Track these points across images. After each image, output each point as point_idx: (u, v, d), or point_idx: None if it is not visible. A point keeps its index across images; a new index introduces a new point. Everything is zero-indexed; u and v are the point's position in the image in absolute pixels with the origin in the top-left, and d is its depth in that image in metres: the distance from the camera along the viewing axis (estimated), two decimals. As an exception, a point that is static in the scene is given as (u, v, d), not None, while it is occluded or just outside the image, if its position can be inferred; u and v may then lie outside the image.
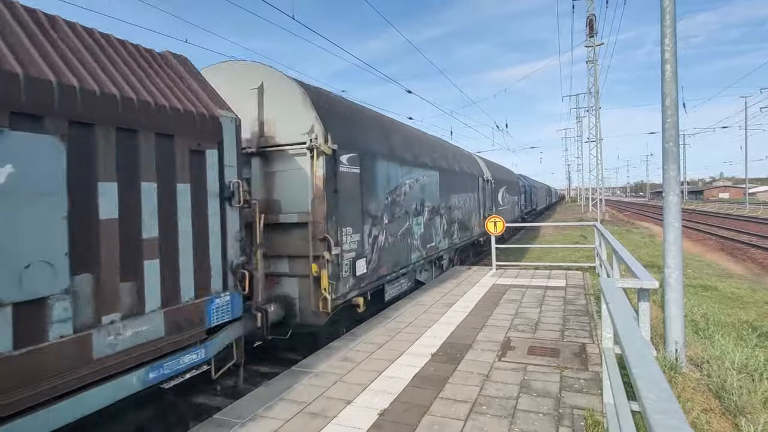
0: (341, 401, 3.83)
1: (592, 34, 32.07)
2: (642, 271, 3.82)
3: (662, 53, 4.82)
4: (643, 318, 3.74)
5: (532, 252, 16.21)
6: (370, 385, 4.15)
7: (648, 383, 1.37)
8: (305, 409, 3.69)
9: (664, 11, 4.80)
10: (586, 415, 3.39)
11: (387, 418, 3.50)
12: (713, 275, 12.56)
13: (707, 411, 3.80)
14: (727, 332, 5.96)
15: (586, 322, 5.90)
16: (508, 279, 9.22)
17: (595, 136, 34.66)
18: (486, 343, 5.21)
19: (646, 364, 1.53)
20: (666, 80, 4.80)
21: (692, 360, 4.86)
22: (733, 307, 8.50)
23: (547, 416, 3.44)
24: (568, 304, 6.90)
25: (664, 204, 4.89)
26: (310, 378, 4.35)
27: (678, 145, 4.83)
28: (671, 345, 4.66)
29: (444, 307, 6.99)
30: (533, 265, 11.25)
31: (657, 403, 1.24)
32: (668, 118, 4.79)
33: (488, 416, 3.47)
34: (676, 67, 4.79)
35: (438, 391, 3.95)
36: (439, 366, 4.56)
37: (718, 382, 4.19)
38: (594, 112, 34.42)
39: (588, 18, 31.77)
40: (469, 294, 7.91)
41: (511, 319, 6.19)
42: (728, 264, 15.64)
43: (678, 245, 4.77)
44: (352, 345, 5.30)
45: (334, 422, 3.46)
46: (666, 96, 4.80)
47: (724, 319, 6.94)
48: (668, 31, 4.78)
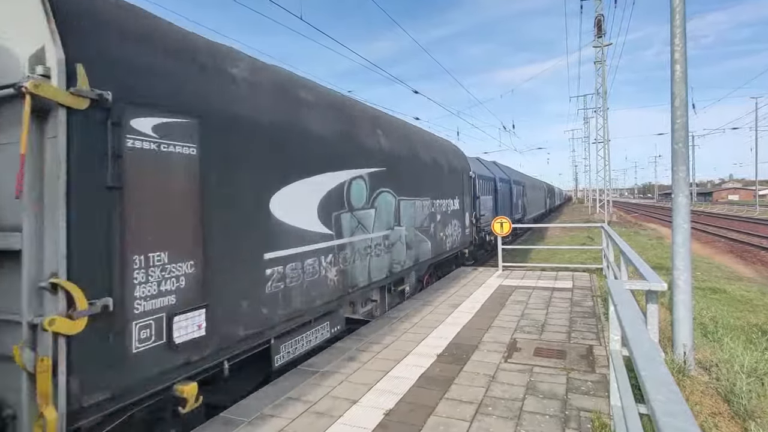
0: (347, 401, 3.83)
1: (600, 35, 31.88)
2: (650, 272, 3.79)
3: (672, 53, 4.78)
4: (651, 320, 3.71)
5: (538, 253, 16.13)
6: (375, 385, 4.15)
7: (657, 385, 1.36)
8: (311, 408, 3.70)
9: (674, 11, 4.77)
10: (593, 418, 3.37)
11: (393, 418, 3.50)
12: (722, 278, 12.43)
13: (715, 414, 3.77)
14: (737, 335, 5.89)
15: (593, 324, 5.86)
16: (514, 280, 9.19)
17: (603, 136, 34.44)
18: (492, 344, 5.20)
19: (655, 366, 1.52)
20: (675, 81, 4.76)
21: (701, 363, 4.82)
22: (742, 310, 8.41)
23: (553, 418, 3.42)
24: (575, 306, 6.86)
25: (672, 205, 4.85)
26: (315, 377, 4.36)
27: (687, 146, 4.79)
28: (679, 348, 4.62)
29: (450, 308, 6.98)
30: (540, 267, 11.20)
31: (666, 405, 1.23)
32: (678, 118, 4.75)
33: (494, 417, 3.46)
34: (686, 68, 4.76)
35: (444, 392, 3.94)
36: (444, 367, 4.55)
37: (727, 385, 4.14)
38: (602, 112, 34.22)
39: (596, 18, 31.58)
40: (475, 295, 7.88)
41: (518, 321, 6.16)
42: (737, 266, 15.47)
43: (687, 247, 4.73)
44: (357, 345, 5.31)
45: (340, 422, 3.47)
46: (675, 96, 4.76)
47: (733, 322, 6.87)
48: (678, 31, 4.74)
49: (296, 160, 4.55)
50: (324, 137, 5.07)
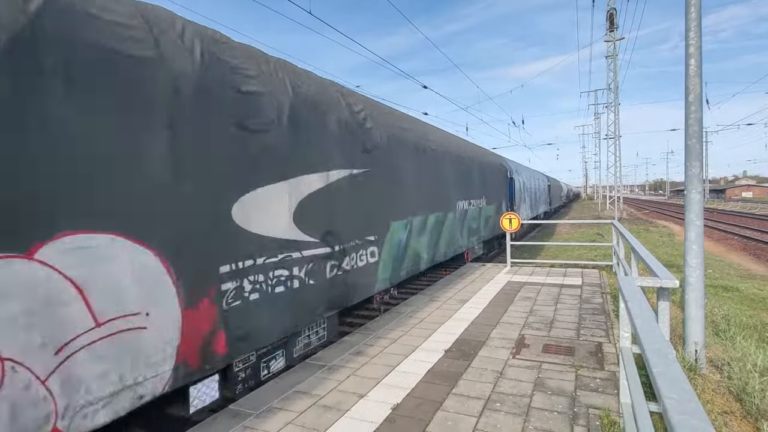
0: (354, 395, 3.84)
1: (613, 29, 31.43)
2: (662, 269, 3.74)
3: (686, 47, 4.69)
4: (662, 317, 3.67)
5: (547, 249, 16.03)
6: (383, 379, 4.16)
7: (669, 383, 1.34)
8: (318, 402, 3.72)
9: (689, 3, 4.67)
10: (602, 415, 3.34)
11: (400, 412, 3.51)
12: (735, 276, 12.27)
13: (727, 413, 3.72)
14: (749, 334, 5.81)
15: (602, 321, 5.81)
16: (522, 276, 9.14)
17: (614, 132, 34.04)
18: (500, 340, 5.18)
19: (667, 364, 1.50)
20: (690, 75, 4.67)
21: (712, 362, 4.76)
22: (755, 308, 8.29)
23: (561, 415, 3.40)
24: (584, 303, 6.81)
25: (685, 202, 4.78)
26: (323, 371, 4.38)
27: (701, 142, 4.71)
28: (691, 345, 4.56)
29: (458, 304, 6.96)
30: (548, 263, 11.12)
31: (679, 403, 1.21)
32: (691, 114, 4.67)
33: (502, 413, 3.45)
34: (701, 62, 4.67)
35: (451, 387, 3.94)
36: (452, 362, 4.54)
37: (739, 384, 4.09)
38: (613, 108, 33.79)
39: (608, 12, 31.14)
40: (484, 291, 7.86)
41: (526, 317, 6.13)
42: (750, 265, 15.24)
43: (699, 244, 4.67)
44: (365, 339, 5.32)
45: (348, 415, 3.48)
46: (690, 92, 4.68)
47: (746, 321, 6.77)
48: (693, 24, 4.65)
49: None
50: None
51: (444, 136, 9.65)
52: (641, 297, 2.57)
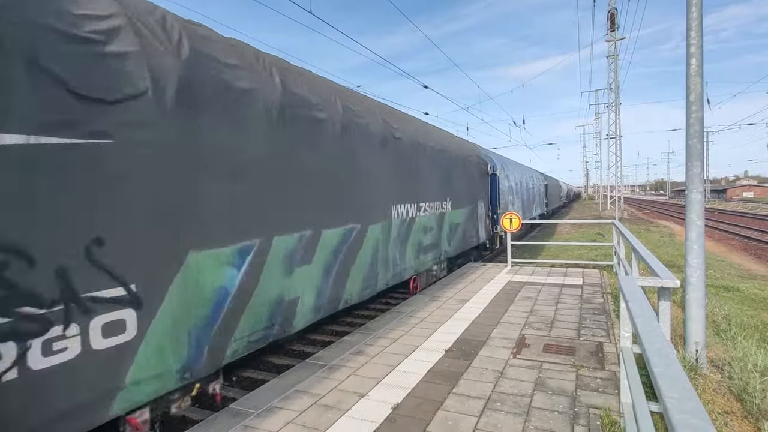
0: (355, 394, 3.84)
1: (614, 28, 31.41)
2: (663, 269, 3.74)
3: (688, 47, 4.69)
4: (663, 317, 3.66)
5: (547, 249, 16.02)
6: (383, 379, 4.16)
7: (670, 382, 1.34)
8: (319, 401, 3.72)
9: (690, 3, 4.67)
10: (603, 415, 3.34)
11: (400, 412, 3.51)
12: (736, 276, 12.26)
13: (728, 413, 3.72)
14: (750, 334, 5.80)
15: (603, 321, 5.81)
16: (523, 276, 9.14)
17: (615, 132, 34.01)
18: (500, 340, 5.18)
19: (668, 363, 1.50)
20: (691, 75, 4.67)
21: (713, 362, 4.76)
22: (756, 308, 8.28)
23: (562, 414, 3.40)
24: (585, 303, 6.81)
25: (686, 202, 4.78)
26: (323, 371, 4.38)
27: (702, 141, 4.70)
28: (691, 345, 4.56)
29: (458, 303, 6.96)
30: (549, 263, 11.12)
31: (680, 402, 1.21)
32: (692, 114, 4.67)
33: (502, 413, 3.45)
34: (702, 61, 4.66)
35: (452, 387, 3.94)
36: (453, 362, 4.54)
37: (740, 384, 4.09)
38: (614, 108, 33.76)
39: (609, 12, 31.11)
40: (484, 291, 7.86)
41: (526, 317, 6.13)
42: (751, 265, 15.23)
43: (700, 244, 4.66)
44: (365, 339, 5.32)
45: (348, 415, 3.48)
46: (691, 91, 4.67)
47: (747, 321, 6.76)
48: (694, 23, 4.65)
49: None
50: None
51: (362, 103, 6.08)
52: (642, 297, 2.57)
